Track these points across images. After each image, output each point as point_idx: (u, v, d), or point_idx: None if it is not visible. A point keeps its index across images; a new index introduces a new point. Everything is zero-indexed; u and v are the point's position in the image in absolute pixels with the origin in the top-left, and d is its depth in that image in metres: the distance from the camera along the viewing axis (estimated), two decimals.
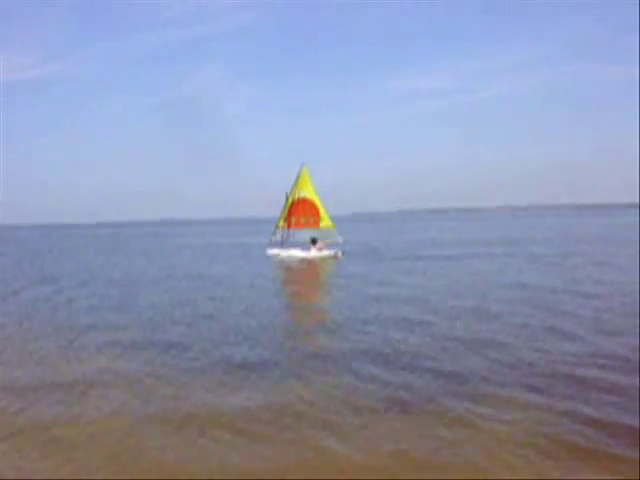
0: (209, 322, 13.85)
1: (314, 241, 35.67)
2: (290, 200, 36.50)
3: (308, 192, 36.24)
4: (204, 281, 23.23)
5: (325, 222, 36.15)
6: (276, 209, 37.87)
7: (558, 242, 42.64)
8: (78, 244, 66.17)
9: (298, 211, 36.32)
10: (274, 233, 37.78)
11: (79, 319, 14.88)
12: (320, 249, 35.29)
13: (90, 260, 38.14)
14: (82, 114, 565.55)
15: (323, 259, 33.50)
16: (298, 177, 36.48)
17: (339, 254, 34.55)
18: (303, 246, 35.70)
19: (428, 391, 8.30)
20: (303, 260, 33.42)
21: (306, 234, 35.97)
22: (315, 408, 7.74)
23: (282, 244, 36.93)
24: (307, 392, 8.41)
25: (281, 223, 37.12)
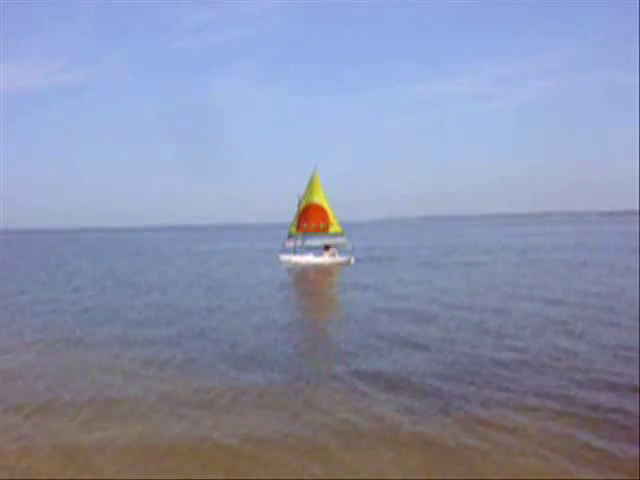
0: (219, 336, 13.55)
1: (327, 247, 35.54)
2: (303, 205, 36.37)
3: (319, 198, 36.12)
4: (215, 289, 23.05)
5: (334, 228, 36.07)
6: (283, 215, 37.90)
7: (579, 250, 41.67)
8: (97, 249, 66.84)
9: (309, 217, 36.19)
10: (287, 239, 37.72)
11: (86, 329, 14.82)
12: (333, 255, 35.13)
13: (110, 265, 38.38)
14: (106, 119, 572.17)
15: (336, 265, 33.20)
16: (310, 182, 36.35)
17: (352, 260, 34.32)
18: (316, 252, 35.56)
19: (427, 416, 7.93)
20: (316, 266, 33.14)
21: (318, 240, 35.99)
22: (312, 432, 7.41)
23: (295, 250, 36.80)
24: (308, 416, 8.07)
25: (293, 229, 36.97)
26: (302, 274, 29.69)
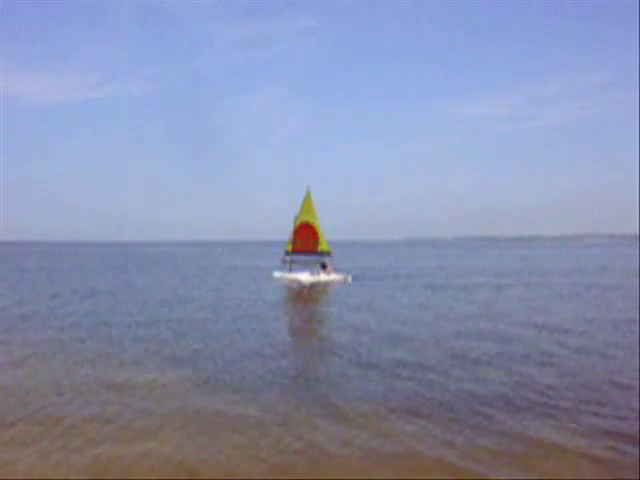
0: (215, 345, 14.11)
1: (323, 265, 35.54)
2: (297, 224, 36.65)
3: (311, 217, 36.46)
4: (213, 303, 22.73)
5: (322, 246, 36.41)
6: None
7: (601, 274, 41.64)
8: (112, 263, 66.95)
9: (301, 235, 36.53)
10: (284, 256, 37.91)
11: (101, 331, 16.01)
12: (329, 273, 35.06)
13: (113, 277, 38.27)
14: (137, 135, 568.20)
15: (332, 283, 33.04)
16: (303, 202, 36.69)
17: (348, 279, 34.21)
18: (312, 270, 35.51)
19: (411, 438, 7.69)
20: (312, 284, 32.97)
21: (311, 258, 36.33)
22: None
23: (290, 267, 36.93)
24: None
25: (290, 247, 37.18)
26: (298, 291, 29.41)
